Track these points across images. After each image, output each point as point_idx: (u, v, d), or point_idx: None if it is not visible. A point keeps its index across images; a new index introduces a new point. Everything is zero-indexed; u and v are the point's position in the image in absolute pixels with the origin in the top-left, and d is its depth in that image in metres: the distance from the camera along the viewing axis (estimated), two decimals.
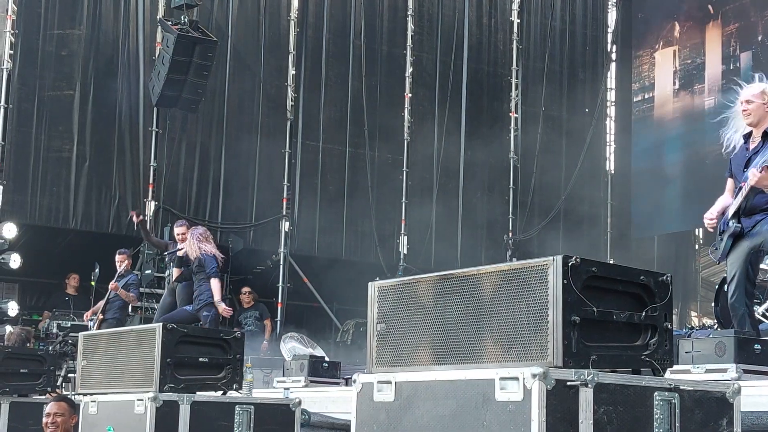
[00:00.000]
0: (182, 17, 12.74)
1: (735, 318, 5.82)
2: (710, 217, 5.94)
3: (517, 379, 2.85)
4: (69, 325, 11.68)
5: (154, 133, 13.66)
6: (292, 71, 14.86)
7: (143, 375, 4.86)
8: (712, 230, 6.00)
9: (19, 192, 12.84)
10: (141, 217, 11.39)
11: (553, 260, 2.98)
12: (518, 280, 3.07)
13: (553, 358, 2.91)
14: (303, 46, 14.94)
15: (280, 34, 14.86)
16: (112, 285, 10.77)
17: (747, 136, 5.89)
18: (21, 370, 7.10)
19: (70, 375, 10.18)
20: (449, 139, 15.72)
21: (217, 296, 9.63)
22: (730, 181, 5.97)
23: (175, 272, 10.19)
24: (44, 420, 5.78)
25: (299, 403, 5.06)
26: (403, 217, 15.40)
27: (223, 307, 9.67)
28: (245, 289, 12.97)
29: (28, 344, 10.17)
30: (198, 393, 4.85)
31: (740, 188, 5.80)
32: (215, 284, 9.65)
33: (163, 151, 13.73)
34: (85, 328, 10.87)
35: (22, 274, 12.70)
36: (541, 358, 2.93)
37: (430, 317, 3.32)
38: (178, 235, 10.28)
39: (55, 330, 11.68)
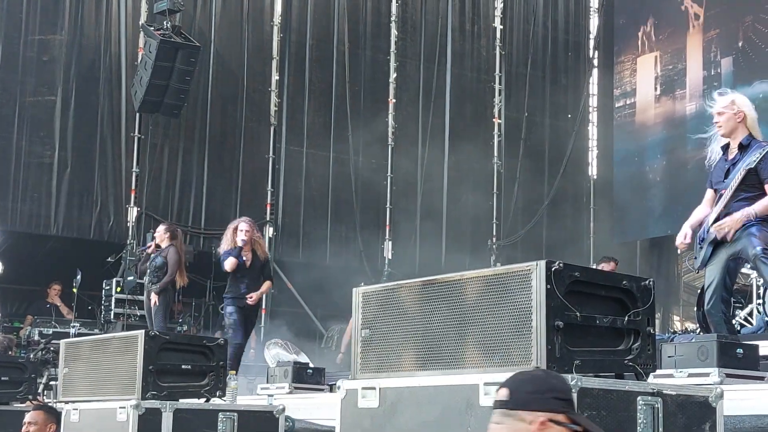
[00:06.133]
0: (165, 22, 12.71)
1: (711, 324, 5.89)
2: (682, 240, 6.01)
3: None
4: (51, 332, 11.60)
5: (136, 138, 13.61)
6: (275, 76, 14.85)
7: (125, 382, 4.82)
8: (682, 250, 6.11)
9: (0, 198, 12.76)
10: None
11: (537, 265, 2.99)
12: (502, 285, 3.07)
13: (537, 362, 2.91)
14: (286, 51, 14.93)
15: (264, 39, 14.85)
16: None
17: (725, 147, 5.97)
18: (2, 378, 7.05)
19: (51, 382, 10.11)
20: (433, 144, 15.74)
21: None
22: (709, 192, 6.04)
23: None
24: (22, 430, 5.75)
25: (283, 409, 5.04)
26: (387, 222, 15.41)
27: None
28: None
29: (10, 352, 10.09)
30: (181, 400, 4.82)
31: (721, 196, 5.87)
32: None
33: (145, 157, 13.68)
34: (67, 335, 10.79)
35: (3, 281, 12.62)
36: (525, 363, 2.93)
37: (414, 323, 3.32)
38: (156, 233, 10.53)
39: (36, 337, 11.60)
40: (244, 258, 9.08)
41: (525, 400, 2.43)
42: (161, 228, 10.46)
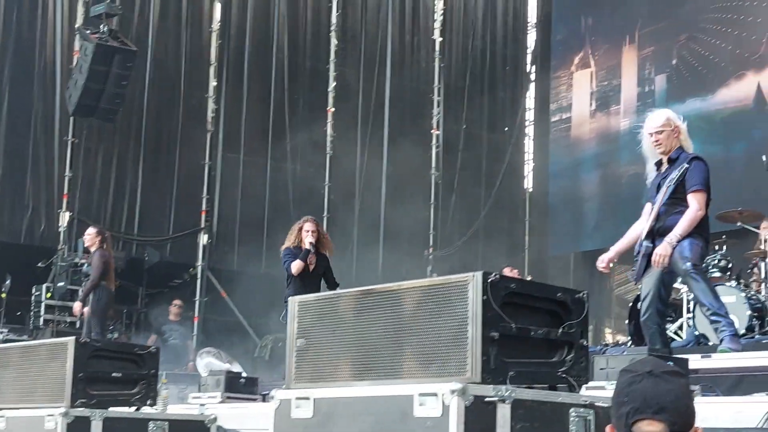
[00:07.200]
0: (101, 26, 12.53)
1: (647, 335, 5.99)
2: (602, 263, 6.13)
3: (435, 395, 2.85)
4: None
5: (69, 142, 13.38)
6: (213, 82, 14.73)
7: (54, 390, 4.74)
8: (605, 272, 6.35)
9: None
10: None
11: (473, 277, 3.00)
12: (439, 295, 3.08)
13: (472, 373, 2.92)
14: (225, 57, 14.83)
15: (202, 45, 14.73)
16: None
17: (658, 164, 6.09)
18: None
19: None
20: (371, 154, 15.76)
21: None
22: (647, 206, 6.13)
23: None
24: None
25: (215, 419, 5.00)
26: (324, 232, 15.32)
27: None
28: (176, 302, 12.77)
29: None
30: (111, 408, 4.75)
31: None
32: None
33: (78, 162, 13.46)
34: None
35: None
36: (460, 373, 2.94)
37: (351, 333, 3.31)
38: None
39: None
40: (308, 261, 8.69)
41: (685, 422, 2.11)
42: (92, 230, 10.28)
